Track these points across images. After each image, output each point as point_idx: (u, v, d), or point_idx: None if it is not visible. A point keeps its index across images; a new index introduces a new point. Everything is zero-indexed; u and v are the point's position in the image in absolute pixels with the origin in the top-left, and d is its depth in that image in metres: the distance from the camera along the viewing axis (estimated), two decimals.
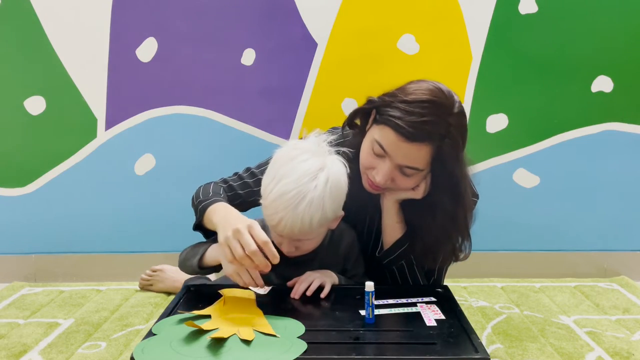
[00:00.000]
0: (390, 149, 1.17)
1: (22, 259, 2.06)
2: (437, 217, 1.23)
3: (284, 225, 1.14)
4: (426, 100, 1.15)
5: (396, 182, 1.21)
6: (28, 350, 1.45)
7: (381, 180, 1.19)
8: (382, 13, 1.96)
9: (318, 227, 1.17)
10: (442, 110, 1.15)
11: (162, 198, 2.03)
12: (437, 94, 1.16)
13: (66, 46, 1.98)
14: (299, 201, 1.12)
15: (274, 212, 1.14)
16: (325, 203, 1.14)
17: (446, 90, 1.18)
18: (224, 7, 1.96)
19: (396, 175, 1.20)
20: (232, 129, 2.01)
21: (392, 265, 1.32)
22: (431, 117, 1.14)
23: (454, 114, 1.17)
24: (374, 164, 1.21)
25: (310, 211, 1.13)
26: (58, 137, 2.02)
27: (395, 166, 1.18)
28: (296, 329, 1.02)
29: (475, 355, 0.95)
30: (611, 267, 2.05)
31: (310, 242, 1.22)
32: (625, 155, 2.03)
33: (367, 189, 1.26)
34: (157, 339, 1.00)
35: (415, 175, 1.20)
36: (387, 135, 1.17)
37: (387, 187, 1.23)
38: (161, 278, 1.87)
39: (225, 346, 0.95)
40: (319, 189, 1.13)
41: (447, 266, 1.37)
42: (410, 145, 1.15)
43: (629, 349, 1.43)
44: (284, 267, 1.23)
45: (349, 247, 1.31)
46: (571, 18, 1.96)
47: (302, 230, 1.15)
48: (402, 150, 1.16)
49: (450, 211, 1.22)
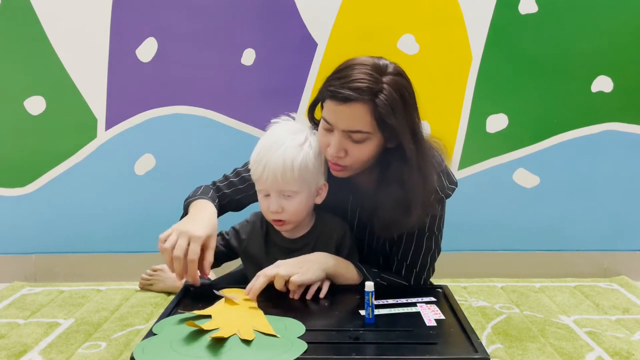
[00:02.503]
0: (331, 118, 1.19)
1: (22, 259, 2.06)
2: (390, 188, 1.23)
3: (267, 169, 1.22)
4: (353, 64, 1.19)
5: (351, 154, 1.21)
6: (28, 350, 1.45)
7: (333, 150, 1.20)
8: (382, 13, 1.96)
9: (299, 174, 1.22)
10: (372, 70, 1.17)
11: (162, 198, 2.03)
12: (365, 59, 1.20)
13: (66, 46, 1.98)
14: (279, 146, 1.23)
15: (258, 162, 1.24)
16: (304, 150, 1.23)
17: (378, 58, 1.22)
18: (224, 7, 1.96)
19: (348, 145, 1.20)
20: (232, 129, 2.02)
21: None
22: (361, 76, 1.16)
23: (388, 73, 1.18)
24: (327, 141, 1.22)
25: (292, 153, 1.22)
26: (58, 137, 2.02)
27: (342, 134, 1.19)
28: (296, 328, 1.02)
29: (475, 355, 0.95)
30: (611, 267, 2.05)
31: (295, 203, 1.24)
32: (625, 155, 2.03)
33: (333, 173, 1.26)
34: (158, 339, 1.00)
35: (368, 142, 1.19)
36: (327, 106, 1.20)
37: (346, 163, 1.22)
38: (161, 278, 1.87)
39: (225, 346, 0.95)
40: (299, 140, 1.25)
41: (429, 258, 1.36)
42: (345, 107, 1.16)
43: (629, 349, 1.43)
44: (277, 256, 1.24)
45: (341, 239, 1.32)
46: (571, 18, 1.96)
47: (285, 175, 1.21)
48: (340, 115, 1.17)
49: (397, 176, 1.22)
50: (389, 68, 1.19)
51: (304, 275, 1.18)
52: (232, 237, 1.36)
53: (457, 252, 2.04)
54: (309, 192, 1.27)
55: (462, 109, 2.01)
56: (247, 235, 1.35)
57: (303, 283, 1.18)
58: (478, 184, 2.04)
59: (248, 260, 1.35)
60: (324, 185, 1.29)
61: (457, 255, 2.04)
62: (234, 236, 1.35)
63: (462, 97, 2.00)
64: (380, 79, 1.16)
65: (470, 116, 2.01)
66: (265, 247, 1.33)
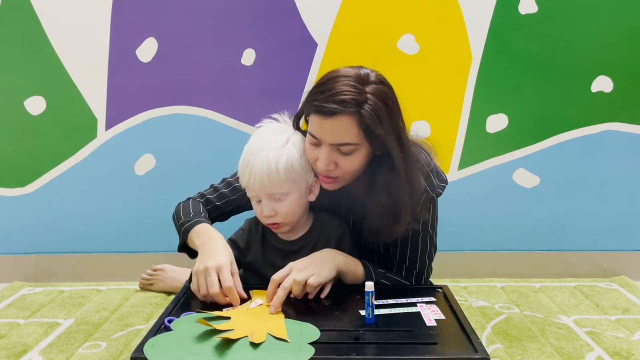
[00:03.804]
0: (318, 133, 1.19)
1: (22, 259, 2.06)
2: (377, 195, 1.23)
3: (254, 174, 1.22)
4: (335, 77, 1.19)
5: (341, 166, 1.21)
6: (28, 350, 1.45)
7: (322, 165, 1.20)
8: (382, 13, 1.96)
9: (286, 175, 1.22)
10: (357, 81, 1.17)
11: (162, 198, 2.03)
12: (346, 71, 1.19)
13: (66, 46, 1.98)
14: (262, 149, 1.23)
15: (244, 168, 1.25)
16: (287, 150, 1.24)
17: (358, 67, 1.21)
18: (224, 7, 1.96)
19: (337, 157, 1.20)
20: (232, 129, 2.01)
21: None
22: (345, 88, 1.15)
23: (370, 82, 1.18)
24: (316, 156, 1.22)
25: (275, 155, 1.22)
26: (58, 137, 2.02)
27: (330, 147, 1.19)
28: (311, 334, 1.02)
29: (475, 355, 0.95)
30: (611, 267, 2.05)
31: (286, 204, 1.25)
32: (625, 155, 2.03)
33: (324, 186, 1.26)
34: (170, 336, 1.01)
35: (356, 153, 1.20)
36: (313, 121, 1.20)
37: (336, 175, 1.22)
38: (162, 277, 1.87)
39: (232, 347, 0.96)
40: (281, 140, 1.25)
41: (426, 257, 1.36)
42: (332, 121, 1.16)
43: (629, 349, 1.43)
44: (275, 258, 1.24)
45: (340, 238, 1.32)
46: (571, 18, 1.96)
47: (271, 178, 1.21)
48: (327, 129, 1.17)
49: (385, 185, 1.22)
50: (370, 77, 1.19)
51: (319, 275, 1.18)
52: (231, 249, 1.35)
53: (457, 252, 2.05)
54: (300, 191, 1.27)
55: (462, 109, 2.01)
56: (245, 242, 1.34)
57: (321, 284, 1.19)
58: (478, 184, 2.04)
59: (248, 267, 1.35)
60: (315, 182, 1.29)
61: (457, 255, 2.04)
62: (233, 247, 1.33)
63: (462, 97, 2.00)
64: (364, 89, 1.16)
65: (470, 116, 2.01)
66: (263, 251, 1.33)
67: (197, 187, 1.47)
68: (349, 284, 1.26)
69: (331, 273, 1.21)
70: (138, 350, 0.96)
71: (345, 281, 1.26)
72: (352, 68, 1.21)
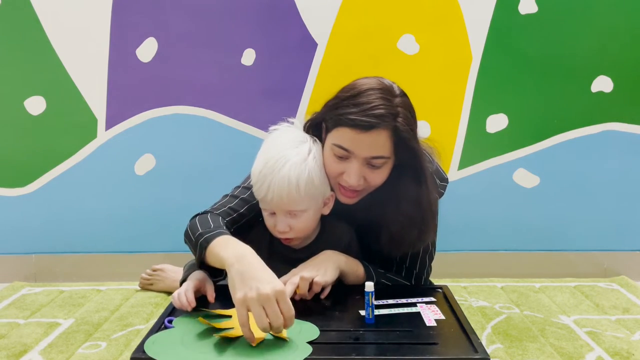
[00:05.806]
0: (352, 146, 1.18)
1: (22, 259, 2.06)
2: (401, 205, 1.23)
3: (272, 191, 1.17)
4: (368, 89, 1.18)
5: (368, 180, 1.21)
6: (28, 350, 1.45)
7: (354, 180, 1.19)
8: (382, 13, 1.96)
9: (306, 192, 1.18)
10: (386, 94, 1.17)
11: (162, 198, 2.03)
12: (375, 83, 1.19)
13: (66, 46, 1.98)
14: (283, 164, 1.17)
15: (261, 182, 1.18)
16: (309, 165, 1.18)
17: (381, 78, 1.22)
18: (224, 7, 1.96)
19: (366, 171, 1.20)
20: (232, 129, 2.01)
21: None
22: (379, 102, 1.16)
23: (397, 95, 1.19)
24: (341, 169, 1.20)
25: (296, 172, 1.17)
26: (58, 137, 2.02)
27: (363, 161, 1.19)
28: (310, 333, 1.02)
29: (475, 355, 0.95)
30: (611, 267, 2.05)
31: (302, 220, 1.22)
32: (625, 155, 2.03)
33: (342, 200, 1.25)
34: (171, 333, 1.02)
35: (384, 166, 1.20)
36: (344, 134, 1.17)
37: (361, 188, 1.22)
38: (162, 277, 1.87)
39: (231, 345, 0.97)
40: (302, 153, 1.19)
41: (427, 258, 1.36)
42: (369, 135, 1.15)
43: (629, 349, 1.43)
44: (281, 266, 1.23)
45: (347, 245, 1.31)
46: (571, 18, 1.96)
47: (290, 195, 1.17)
48: (364, 143, 1.17)
49: (414, 196, 1.22)
50: (394, 89, 1.20)
51: (324, 276, 1.19)
52: None
53: (457, 252, 2.05)
54: (317, 206, 1.25)
55: (462, 109, 2.01)
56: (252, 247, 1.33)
57: (326, 283, 1.19)
58: (478, 184, 2.04)
59: None
60: (331, 196, 1.27)
61: (457, 255, 2.04)
62: None
63: (462, 97, 2.00)
64: (394, 102, 1.17)
65: (470, 116, 2.01)
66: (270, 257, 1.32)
67: (197, 187, 1.47)
68: (350, 284, 1.26)
69: (334, 274, 1.22)
70: (138, 350, 0.96)
71: (346, 282, 1.26)
72: (372, 79, 1.21)
